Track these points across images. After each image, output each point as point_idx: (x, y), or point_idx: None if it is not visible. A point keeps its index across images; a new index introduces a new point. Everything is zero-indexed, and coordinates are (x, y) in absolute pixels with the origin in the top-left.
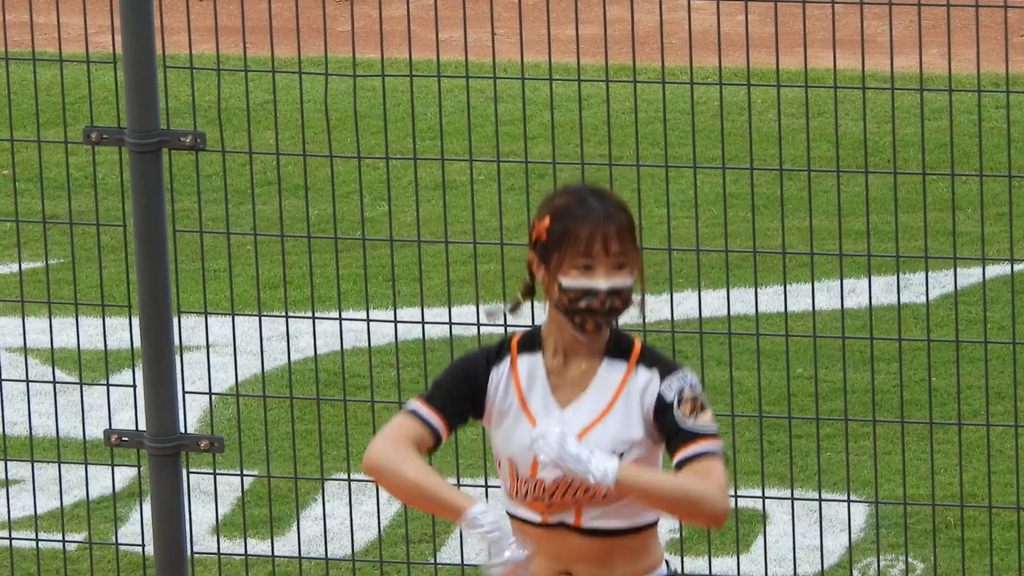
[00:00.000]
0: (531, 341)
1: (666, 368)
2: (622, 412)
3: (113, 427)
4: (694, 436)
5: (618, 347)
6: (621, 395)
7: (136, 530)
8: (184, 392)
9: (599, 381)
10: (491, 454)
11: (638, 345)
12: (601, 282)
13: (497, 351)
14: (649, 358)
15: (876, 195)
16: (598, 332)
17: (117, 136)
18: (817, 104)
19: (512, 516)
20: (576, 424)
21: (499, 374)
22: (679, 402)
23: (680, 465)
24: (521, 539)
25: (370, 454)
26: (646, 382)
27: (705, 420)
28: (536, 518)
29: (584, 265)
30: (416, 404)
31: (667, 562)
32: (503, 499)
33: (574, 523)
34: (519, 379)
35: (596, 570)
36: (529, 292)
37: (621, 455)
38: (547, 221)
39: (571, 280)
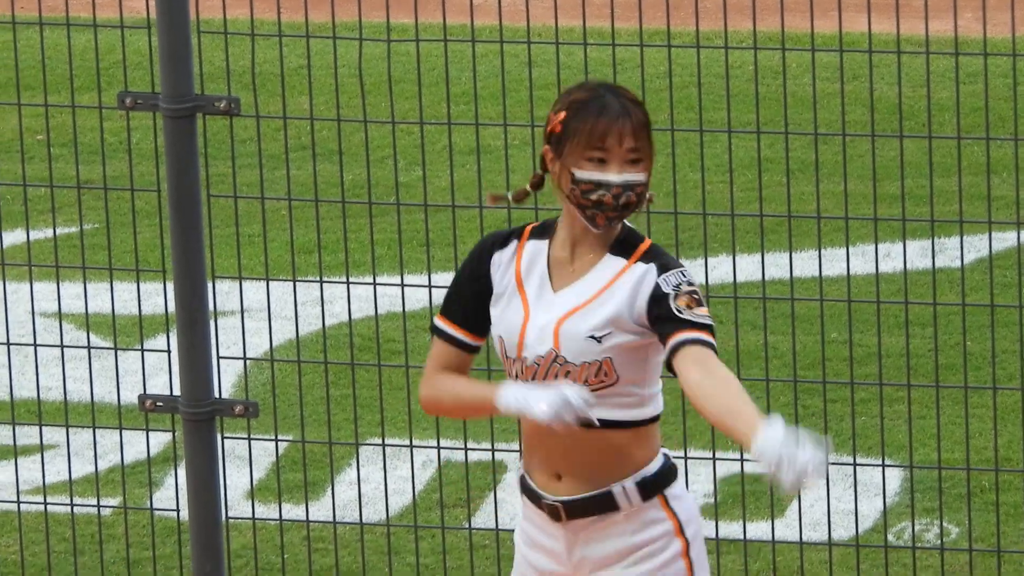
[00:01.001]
0: (544, 229)
1: (665, 264)
2: (608, 300)
3: (148, 392)
4: (691, 325)
5: (624, 244)
6: (612, 285)
7: (171, 495)
8: (219, 357)
9: (596, 271)
10: None
11: (646, 244)
12: (613, 176)
13: (506, 237)
14: (650, 255)
15: (911, 159)
16: (610, 226)
17: (151, 101)
18: (852, 68)
19: None
20: (561, 307)
21: (502, 258)
22: (676, 295)
23: (674, 350)
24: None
25: (421, 396)
26: (642, 274)
27: (702, 312)
28: None
29: (598, 158)
30: (439, 321)
31: (665, 455)
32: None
33: None
34: (521, 262)
35: (580, 466)
36: (538, 184)
37: (600, 339)
38: (563, 114)
39: (584, 172)
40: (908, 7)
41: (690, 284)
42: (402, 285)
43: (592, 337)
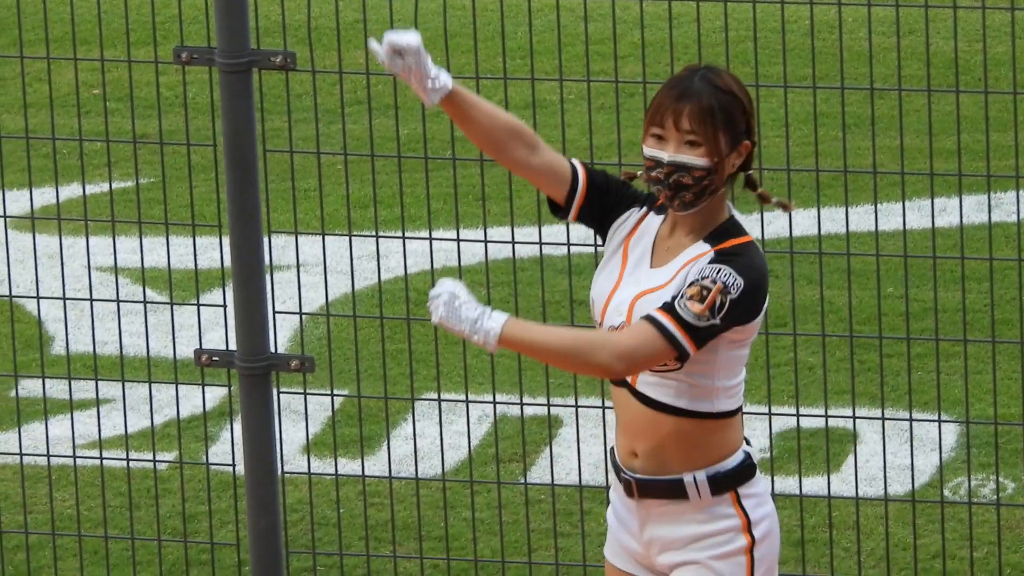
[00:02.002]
0: (663, 208)
1: (723, 260)
2: (675, 286)
3: (203, 347)
4: (667, 308)
5: (721, 234)
6: (682, 271)
7: (226, 449)
8: (274, 312)
9: (683, 255)
10: None
11: (739, 240)
12: (665, 154)
13: (646, 199)
14: (729, 251)
15: (967, 114)
16: (673, 207)
17: (207, 56)
18: (908, 23)
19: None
20: (644, 284)
21: (633, 216)
22: (696, 281)
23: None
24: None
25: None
26: (703, 263)
27: (693, 309)
28: None
29: (658, 134)
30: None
31: (747, 453)
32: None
33: (631, 382)
34: (636, 230)
35: (653, 448)
36: None
37: None
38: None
39: (646, 148)
40: None
41: (714, 282)
42: (458, 240)
43: None
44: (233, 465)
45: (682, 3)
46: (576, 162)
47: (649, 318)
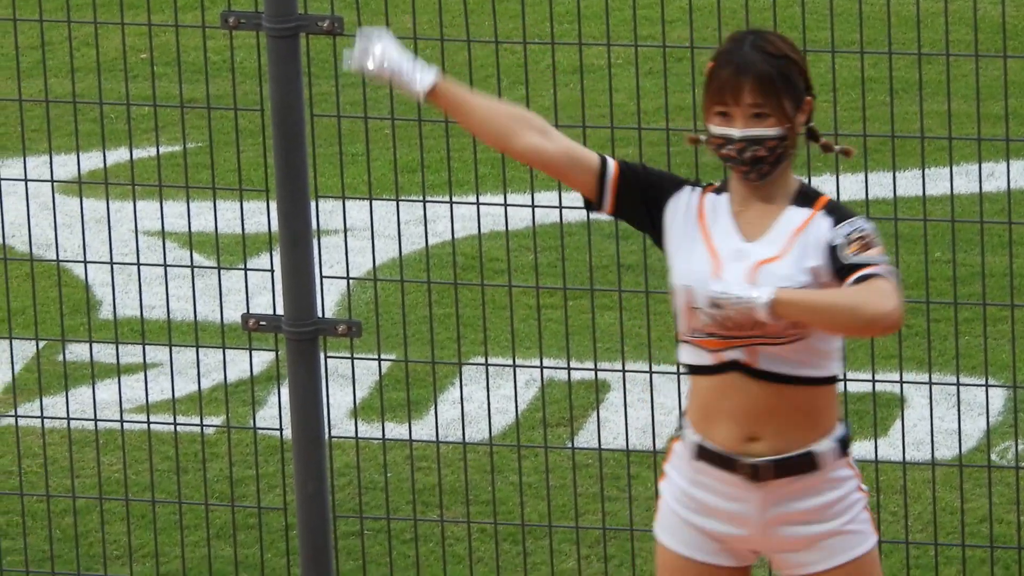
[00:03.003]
0: (721, 187)
1: (842, 216)
2: (797, 254)
3: (251, 311)
4: (861, 265)
5: (804, 197)
6: (799, 237)
7: (274, 414)
8: (322, 276)
9: (782, 223)
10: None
11: (823, 199)
12: (735, 130)
13: (695, 183)
14: (831, 208)
15: (1014, 79)
16: (750, 179)
17: (255, 21)
18: None
19: (687, 368)
20: (755, 256)
21: (687, 197)
22: (847, 243)
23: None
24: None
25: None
26: (823, 228)
27: (872, 254)
28: (709, 359)
29: (723, 112)
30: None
31: (845, 423)
32: (679, 349)
33: (747, 362)
34: (704, 212)
35: (778, 427)
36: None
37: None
38: (710, 65)
39: (713, 127)
40: None
41: (860, 230)
42: (505, 204)
43: (786, 288)
44: (280, 429)
45: None
46: (608, 157)
47: (865, 276)
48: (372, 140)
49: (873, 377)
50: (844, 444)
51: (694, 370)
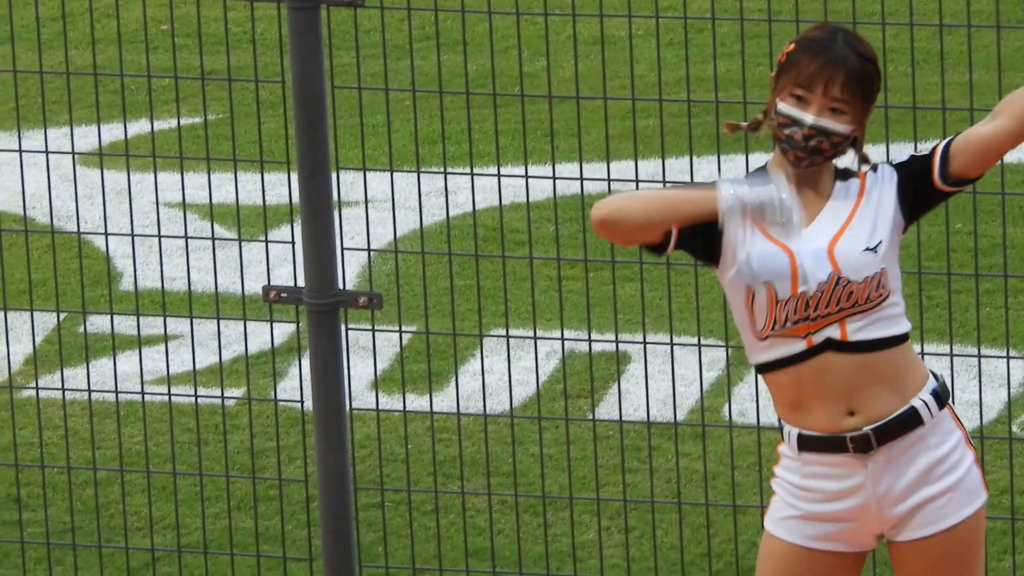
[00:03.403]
0: (758, 176)
1: (898, 161)
2: (867, 213)
3: (272, 283)
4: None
5: (844, 172)
6: (862, 200)
7: (295, 385)
8: (342, 248)
9: (837, 197)
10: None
11: (862, 172)
12: (809, 116)
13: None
14: (877, 166)
15: None
16: (799, 166)
17: None
18: None
19: (770, 367)
20: (824, 233)
21: (735, 214)
22: (919, 154)
23: (946, 148)
24: (783, 187)
25: (598, 205)
26: (887, 173)
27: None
28: (800, 346)
29: (800, 96)
30: None
31: (933, 374)
32: (751, 353)
33: (840, 337)
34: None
35: (873, 394)
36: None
37: (875, 248)
38: (791, 47)
39: (785, 105)
40: None
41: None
42: (526, 176)
43: (868, 249)
44: (301, 401)
45: None
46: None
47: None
48: (393, 111)
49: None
50: (941, 395)
51: (781, 364)
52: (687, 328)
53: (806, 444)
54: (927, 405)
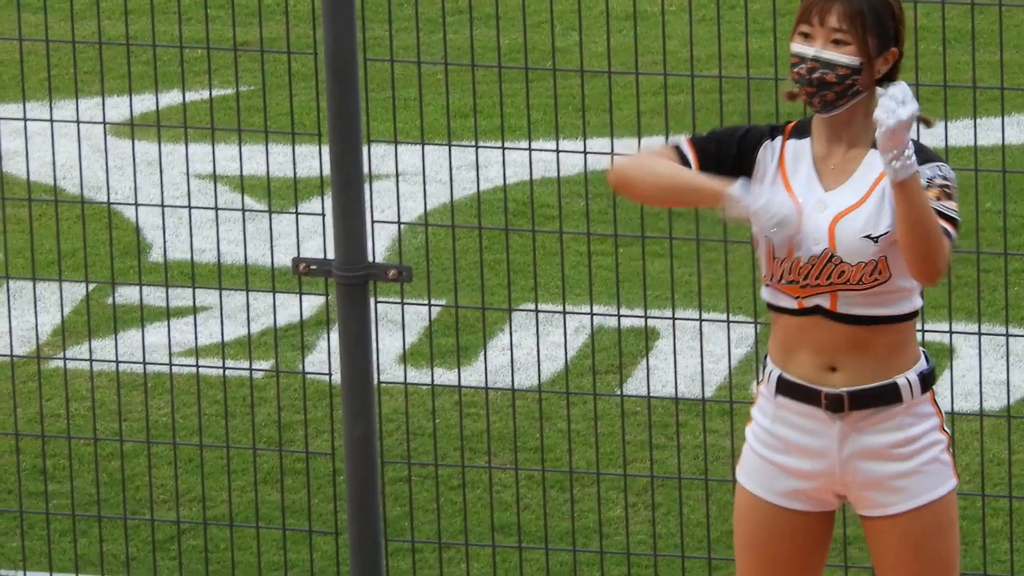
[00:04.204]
0: (803, 128)
1: (927, 158)
2: (878, 199)
3: (301, 255)
4: (937, 215)
5: None
6: (880, 183)
7: (323, 358)
8: (373, 221)
9: (863, 169)
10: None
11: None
12: (811, 49)
13: (771, 130)
14: (915, 150)
15: None
16: (814, 105)
17: None
18: None
19: (770, 306)
20: (836, 206)
21: (769, 151)
22: (928, 185)
23: None
24: (784, 195)
25: (616, 164)
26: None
27: (950, 205)
28: (792, 304)
29: (805, 32)
30: (680, 139)
31: (926, 356)
32: (762, 289)
33: (829, 307)
34: (785, 160)
35: (858, 360)
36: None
37: (876, 239)
38: None
39: (793, 44)
40: None
41: (944, 178)
42: (557, 151)
43: (868, 237)
44: (329, 374)
45: None
46: (682, 143)
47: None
48: (425, 85)
49: (923, 327)
50: (927, 379)
51: (776, 309)
52: (716, 305)
53: (784, 388)
54: (910, 384)
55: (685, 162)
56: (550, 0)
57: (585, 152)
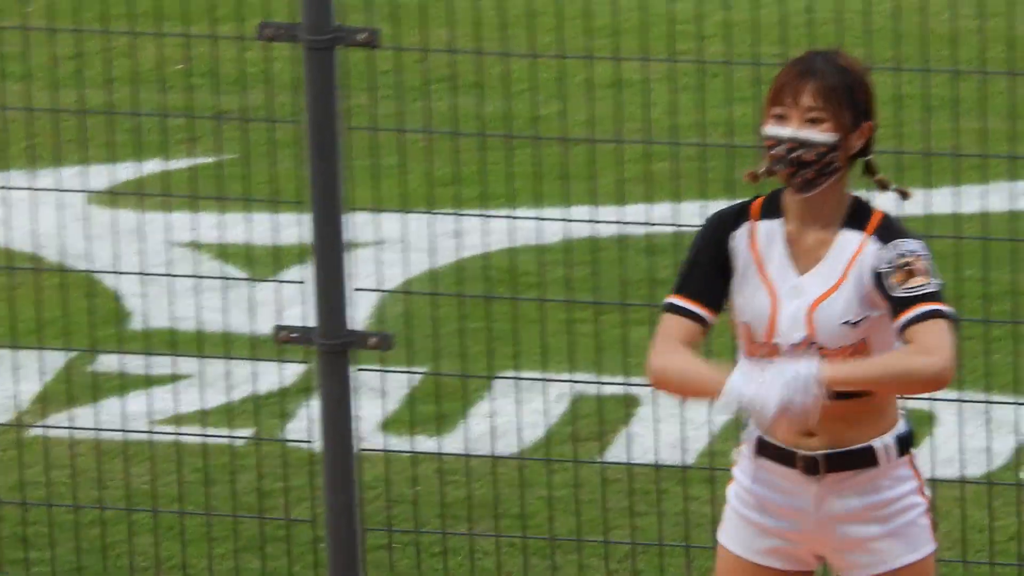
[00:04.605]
0: (772, 205)
1: (889, 237)
2: (854, 283)
3: (283, 323)
4: (908, 302)
5: (856, 217)
6: (853, 266)
7: (304, 426)
8: (354, 289)
9: (835, 251)
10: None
11: (877, 215)
12: (788, 130)
13: (737, 216)
14: (882, 230)
15: None
16: (794, 186)
17: (291, 32)
18: (992, 5)
19: None
20: (811, 292)
21: (739, 239)
22: (890, 272)
23: (901, 331)
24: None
25: (650, 368)
26: (872, 253)
27: (916, 283)
28: None
29: (779, 114)
30: (675, 299)
31: (904, 420)
32: (740, 354)
33: None
34: (757, 244)
35: (835, 425)
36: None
37: (855, 323)
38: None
39: (767, 127)
40: None
41: (904, 255)
42: (539, 218)
43: (847, 323)
44: (310, 442)
45: None
46: (681, 303)
47: (925, 314)
48: (407, 153)
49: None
50: (904, 442)
51: None
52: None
53: (763, 450)
54: (886, 448)
55: (697, 317)
56: (532, 68)
57: (567, 220)
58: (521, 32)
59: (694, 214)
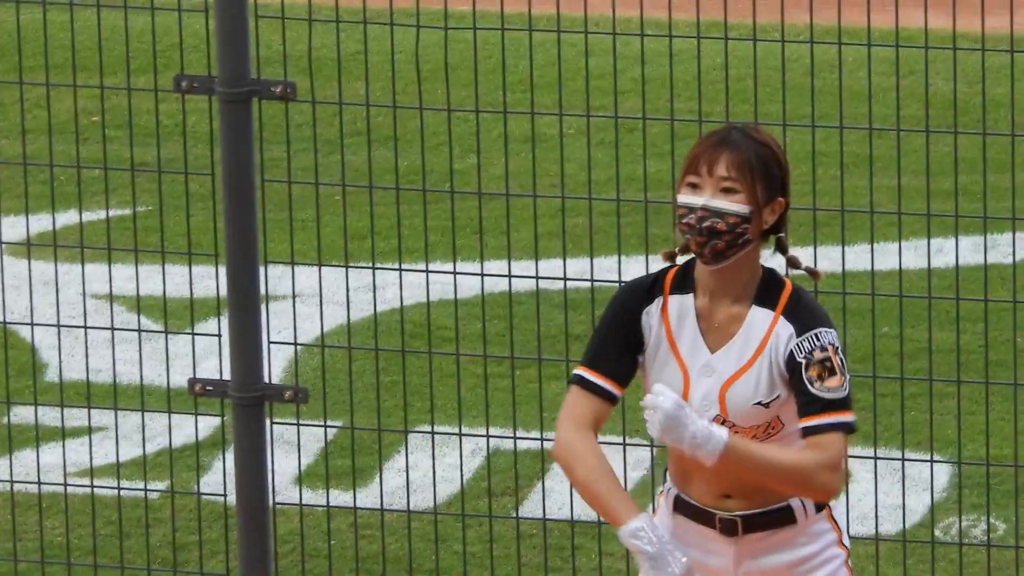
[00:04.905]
0: (684, 281)
1: (804, 325)
2: (767, 363)
3: (197, 376)
4: (820, 407)
5: (767, 292)
6: (766, 347)
7: (218, 479)
8: (269, 342)
9: (747, 328)
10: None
11: (787, 292)
12: (700, 199)
13: (649, 289)
14: (793, 309)
15: (965, 155)
16: (704, 256)
17: (207, 85)
18: (908, 63)
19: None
20: (722, 372)
21: (651, 314)
22: (807, 365)
23: (805, 433)
24: (679, 550)
25: (556, 446)
26: (786, 337)
27: (832, 385)
28: None
29: (693, 183)
30: (584, 372)
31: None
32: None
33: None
34: (669, 320)
35: (752, 488)
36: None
37: (767, 404)
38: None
39: (680, 196)
40: (964, 3)
41: (823, 349)
42: (454, 272)
43: (759, 404)
44: (225, 495)
45: (683, 40)
46: (589, 377)
47: (832, 425)
48: (322, 206)
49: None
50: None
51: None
52: (612, 427)
53: (680, 507)
54: (804, 506)
55: (606, 394)
56: (448, 122)
57: (482, 274)
58: (437, 86)
59: (610, 269)
